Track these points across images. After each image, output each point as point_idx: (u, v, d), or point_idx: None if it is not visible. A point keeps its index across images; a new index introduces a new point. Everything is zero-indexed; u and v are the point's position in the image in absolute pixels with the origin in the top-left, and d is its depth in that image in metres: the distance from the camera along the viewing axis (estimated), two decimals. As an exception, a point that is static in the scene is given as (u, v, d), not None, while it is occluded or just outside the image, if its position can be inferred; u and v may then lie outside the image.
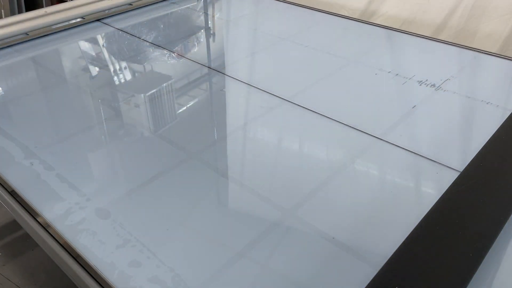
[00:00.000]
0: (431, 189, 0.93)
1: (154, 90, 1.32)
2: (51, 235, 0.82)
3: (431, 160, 0.99)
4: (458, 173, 0.93)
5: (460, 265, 0.71)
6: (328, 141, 1.08)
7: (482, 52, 1.44)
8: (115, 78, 1.42)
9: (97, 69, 1.46)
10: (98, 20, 1.72)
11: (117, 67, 1.48)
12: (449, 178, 0.92)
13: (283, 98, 1.23)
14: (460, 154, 1.01)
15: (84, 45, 1.60)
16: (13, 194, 0.92)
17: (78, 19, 1.69)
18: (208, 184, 0.95)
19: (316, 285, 0.73)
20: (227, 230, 0.84)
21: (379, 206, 0.88)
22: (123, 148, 1.10)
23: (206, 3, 1.95)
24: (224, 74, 1.38)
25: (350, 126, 1.10)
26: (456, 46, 1.49)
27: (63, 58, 1.54)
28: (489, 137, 1.03)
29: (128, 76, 1.42)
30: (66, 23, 1.66)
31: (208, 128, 1.17)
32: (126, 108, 1.24)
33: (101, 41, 1.62)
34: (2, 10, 2.73)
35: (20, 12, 2.79)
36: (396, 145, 1.04)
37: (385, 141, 1.05)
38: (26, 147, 1.05)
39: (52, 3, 2.83)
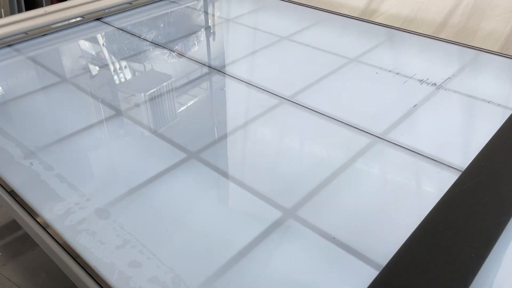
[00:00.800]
0: (433, 188, 0.93)
1: (154, 89, 1.32)
2: (51, 235, 0.82)
3: (432, 159, 0.98)
4: (460, 173, 0.93)
5: (462, 266, 0.71)
6: (328, 140, 1.08)
7: (483, 51, 1.44)
8: (115, 77, 1.42)
9: (97, 68, 1.46)
10: (97, 19, 1.72)
11: (117, 66, 1.47)
12: (451, 177, 0.91)
13: (283, 97, 1.22)
14: (462, 153, 1.01)
15: (84, 44, 1.60)
16: (12, 194, 0.91)
17: (78, 18, 1.68)
18: (208, 184, 0.95)
19: (317, 286, 0.72)
20: (227, 230, 0.84)
21: (380, 205, 0.88)
22: (123, 148, 1.09)
23: (206, 2, 1.94)
24: (224, 73, 1.38)
25: (351, 125, 1.10)
26: (457, 44, 1.49)
27: (63, 58, 1.54)
28: (490, 136, 1.02)
29: (128, 75, 1.42)
30: (66, 22, 1.66)
31: (208, 128, 1.16)
32: (126, 107, 1.24)
33: (101, 40, 1.62)
34: (2, 10, 2.73)
35: (19, 11, 2.79)
36: (397, 145, 1.03)
37: (386, 140, 1.05)
38: (25, 147, 1.05)
39: (52, 2, 2.83)
